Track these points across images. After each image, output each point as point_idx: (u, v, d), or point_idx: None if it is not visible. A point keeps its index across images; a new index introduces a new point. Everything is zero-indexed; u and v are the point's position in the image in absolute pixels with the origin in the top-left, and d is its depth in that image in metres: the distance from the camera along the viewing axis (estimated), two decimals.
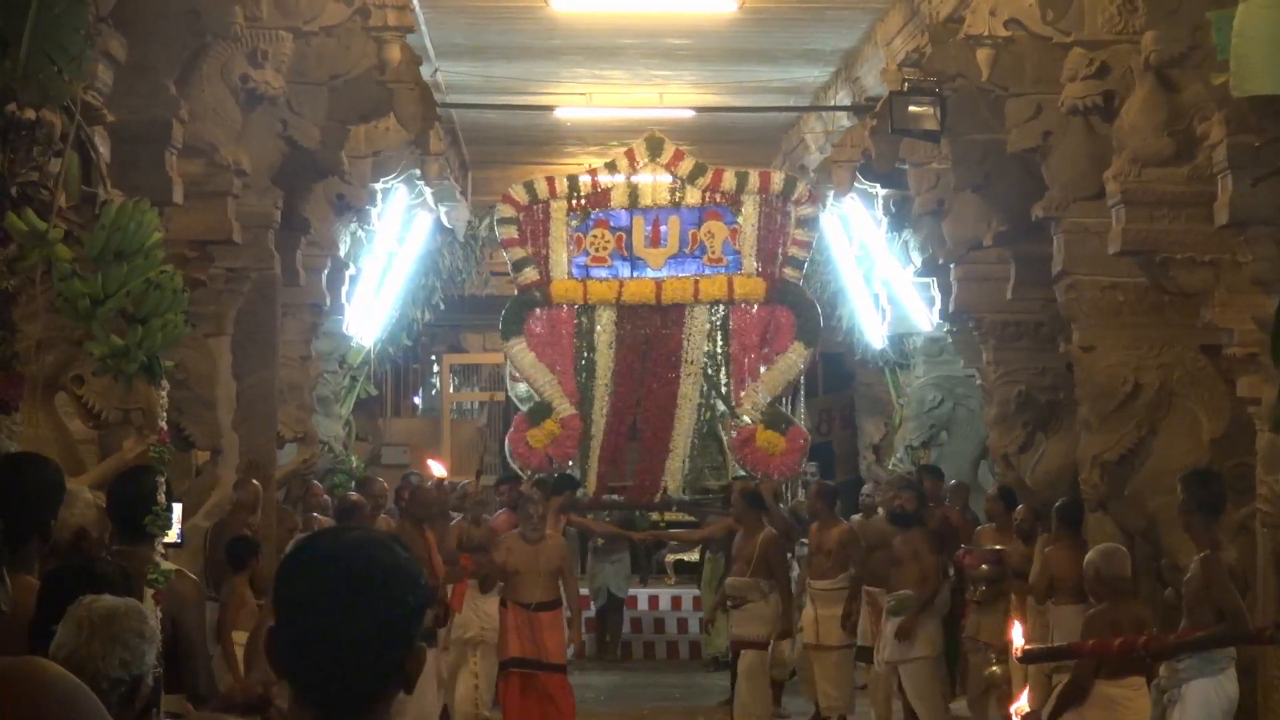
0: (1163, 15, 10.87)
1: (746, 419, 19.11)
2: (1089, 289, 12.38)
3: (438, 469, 16.07)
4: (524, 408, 20.23)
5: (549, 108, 20.45)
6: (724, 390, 19.38)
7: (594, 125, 21.45)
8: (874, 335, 21.07)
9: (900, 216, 18.16)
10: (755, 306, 19.26)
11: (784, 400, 19.53)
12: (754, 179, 19.36)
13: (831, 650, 15.67)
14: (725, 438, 19.26)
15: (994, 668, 14.01)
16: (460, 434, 30.74)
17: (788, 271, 19.30)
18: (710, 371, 19.38)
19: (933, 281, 17.96)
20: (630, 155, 19.49)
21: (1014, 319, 15.36)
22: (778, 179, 19.48)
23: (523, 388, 20.98)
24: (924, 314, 19.31)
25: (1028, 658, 10.72)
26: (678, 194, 19.40)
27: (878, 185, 18.10)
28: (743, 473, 18.61)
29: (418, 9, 15.21)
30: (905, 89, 14.16)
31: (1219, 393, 11.85)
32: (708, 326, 19.44)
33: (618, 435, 19.47)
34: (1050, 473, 14.35)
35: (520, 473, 18.76)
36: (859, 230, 20.46)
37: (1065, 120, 12.34)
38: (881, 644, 14.99)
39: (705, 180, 19.33)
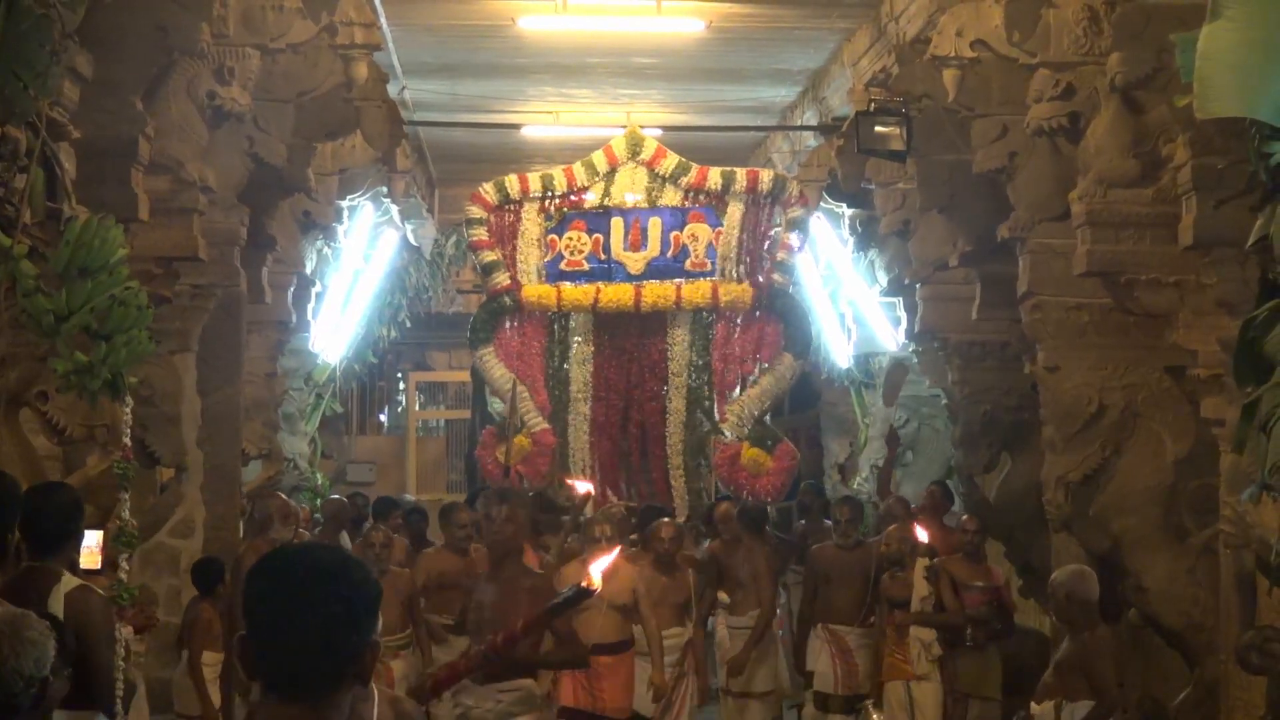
0: (1128, 38, 10.92)
1: (730, 435, 18.06)
2: (1054, 309, 12.40)
3: (583, 487, 15.50)
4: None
5: (516, 126, 20.48)
6: (707, 404, 18.34)
7: (561, 144, 21.47)
8: (840, 355, 21.06)
9: (866, 236, 18.17)
10: (741, 315, 18.26)
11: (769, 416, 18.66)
12: (740, 178, 18.33)
13: (753, 698, 13.77)
14: (709, 455, 18.15)
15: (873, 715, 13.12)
16: (425, 451, 30.70)
17: (776, 278, 18.35)
18: (694, 384, 18.33)
19: (899, 301, 17.97)
20: (609, 152, 18.37)
21: (979, 339, 15.37)
22: (766, 178, 18.41)
23: (499, 403, 20.69)
24: (890, 334, 19.30)
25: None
26: (658, 194, 18.30)
27: (844, 205, 18.10)
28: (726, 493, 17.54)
29: (385, 27, 15.22)
30: (872, 109, 14.17)
31: (1183, 414, 11.87)
32: (690, 336, 18.34)
33: (613, 454, 18.35)
34: (1015, 493, 14.35)
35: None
36: (825, 250, 20.45)
37: (1031, 141, 12.37)
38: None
39: (688, 179, 18.25)
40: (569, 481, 15.70)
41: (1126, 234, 11.26)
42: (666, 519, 13.43)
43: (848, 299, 20.30)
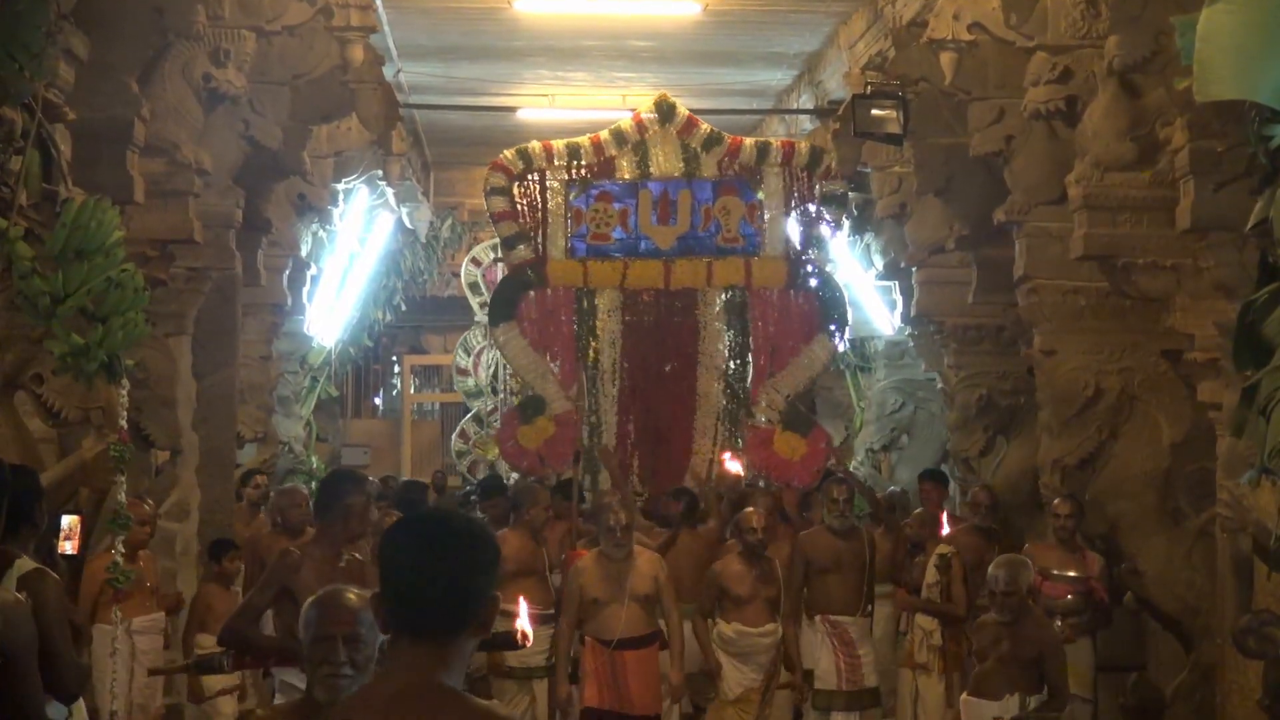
0: (1126, 20, 10.90)
1: (763, 419, 17.03)
2: (1050, 293, 12.39)
3: (735, 467, 15.03)
4: (472, 405, 19.55)
5: (511, 109, 20.47)
6: (740, 387, 17.29)
7: (556, 127, 21.41)
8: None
9: (862, 220, 18.15)
10: (775, 292, 17.20)
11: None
12: (776, 149, 17.19)
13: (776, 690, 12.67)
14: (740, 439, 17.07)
15: None
16: (420, 435, 30.72)
17: (811, 254, 17.32)
18: (727, 366, 17.31)
19: (894, 285, 17.96)
20: (638, 119, 17.20)
21: (975, 323, 15.35)
22: (803, 150, 17.22)
23: (470, 382, 20.40)
24: (885, 317, 19.27)
25: None
26: (690, 165, 17.15)
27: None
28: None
29: (380, 9, 15.21)
30: (868, 92, 14.15)
31: (1180, 398, 11.88)
32: (724, 314, 17.30)
33: (632, 436, 17.32)
34: (1011, 477, 14.35)
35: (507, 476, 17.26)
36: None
37: (1028, 125, 12.36)
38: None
39: (721, 150, 17.11)
40: (724, 464, 15.27)
41: (1123, 217, 11.25)
42: (751, 508, 12.62)
43: (844, 282, 20.20)
